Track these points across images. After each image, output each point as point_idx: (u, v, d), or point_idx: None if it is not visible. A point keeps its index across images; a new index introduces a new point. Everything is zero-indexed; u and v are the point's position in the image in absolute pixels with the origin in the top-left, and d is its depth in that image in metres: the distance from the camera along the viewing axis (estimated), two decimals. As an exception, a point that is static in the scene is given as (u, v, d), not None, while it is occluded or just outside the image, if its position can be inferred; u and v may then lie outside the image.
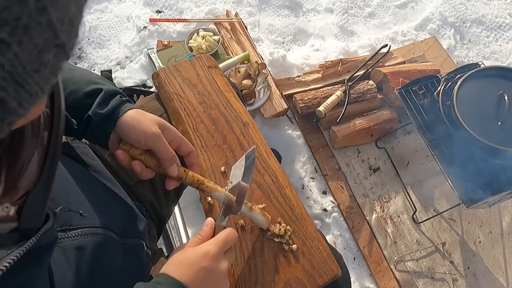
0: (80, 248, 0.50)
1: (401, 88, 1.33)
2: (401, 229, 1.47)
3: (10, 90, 0.21)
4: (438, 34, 1.94)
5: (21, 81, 0.22)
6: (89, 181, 0.64)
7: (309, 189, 1.52)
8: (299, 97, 1.58)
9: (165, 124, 0.65)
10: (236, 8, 1.93)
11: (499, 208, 1.53)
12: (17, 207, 0.32)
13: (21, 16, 0.20)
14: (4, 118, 0.23)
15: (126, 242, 0.61)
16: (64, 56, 0.25)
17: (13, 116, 0.23)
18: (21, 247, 0.36)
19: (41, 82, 0.23)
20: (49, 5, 0.21)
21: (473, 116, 1.13)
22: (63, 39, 0.24)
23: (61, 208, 0.47)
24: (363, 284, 1.37)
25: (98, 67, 1.75)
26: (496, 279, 1.41)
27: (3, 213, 0.31)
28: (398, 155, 1.61)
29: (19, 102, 0.23)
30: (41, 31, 0.22)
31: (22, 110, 0.23)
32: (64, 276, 0.46)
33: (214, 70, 0.92)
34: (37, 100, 0.24)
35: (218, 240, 0.58)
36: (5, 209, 0.31)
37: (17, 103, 0.23)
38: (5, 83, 0.21)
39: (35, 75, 0.23)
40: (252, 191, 0.76)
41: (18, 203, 0.32)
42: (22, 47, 0.21)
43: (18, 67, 0.21)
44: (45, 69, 0.23)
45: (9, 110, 0.22)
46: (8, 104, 0.22)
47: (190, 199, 1.41)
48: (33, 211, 0.34)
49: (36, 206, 0.34)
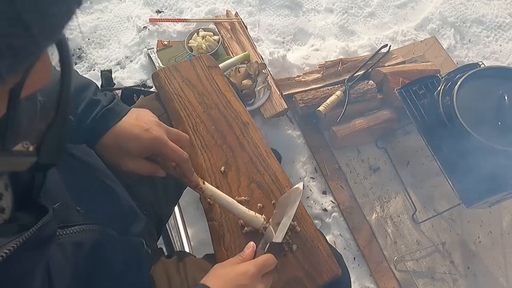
0: (78, 245, 0.50)
1: (401, 88, 1.33)
2: (401, 229, 1.47)
3: (34, 16, 0.24)
4: (438, 34, 1.94)
5: (43, 9, 0.25)
6: (89, 178, 0.64)
7: (309, 189, 1.52)
8: (299, 97, 1.58)
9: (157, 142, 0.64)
10: (236, 8, 1.93)
11: (499, 208, 1.53)
12: (35, 146, 0.35)
13: None
14: (27, 45, 0.25)
15: (125, 240, 0.61)
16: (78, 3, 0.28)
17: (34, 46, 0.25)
18: (21, 237, 0.37)
19: (58, 15, 0.26)
20: None
21: (473, 116, 1.13)
22: None
23: (59, 204, 0.48)
24: (363, 284, 1.37)
25: (98, 67, 1.75)
26: (496, 279, 1.41)
27: (23, 149, 0.34)
28: (398, 155, 1.61)
29: (40, 30, 0.25)
30: None
31: (41, 40, 0.26)
32: (62, 272, 0.46)
33: (214, 70, 0.92)
34: (53, 34, 0.27)
35: (257, 262, 0.61)
36: (24, 145, 0.34)
37: (39, 31, 0.25)
38: (31, 8, 0.24)
39: (54, 7, 0.25)
40: (252, 191, 0.76)
41: (37, 142, 0.35)
42: None
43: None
44: (63, 4, 0.26)
45: (32, 36, 0.25)
46: (31, 30, 0.24)
47: (190, 199, 1.41)
48: (51, 146, 0.36)
49: (53, 143, 0.36)
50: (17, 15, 0.23)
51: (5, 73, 0.25)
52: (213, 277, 0.58)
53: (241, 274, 0.57)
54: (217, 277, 0.58)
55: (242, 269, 0.58)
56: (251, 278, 0.57)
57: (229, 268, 0.59)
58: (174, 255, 0.80)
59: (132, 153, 0.63)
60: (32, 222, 0.40)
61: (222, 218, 0.73)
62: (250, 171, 0.78)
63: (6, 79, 0.26)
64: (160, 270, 0.74)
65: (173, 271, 0.74)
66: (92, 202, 0.58)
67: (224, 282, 0.56)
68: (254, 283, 0.58)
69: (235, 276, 0.57)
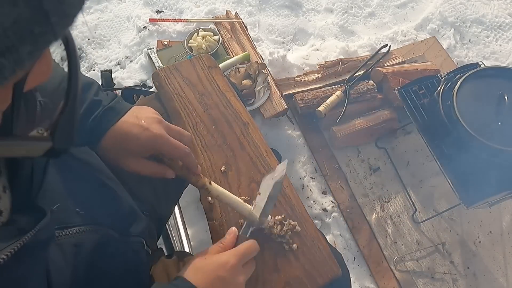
0: (78, 246, 0.50)
1: (401, 88, 1.33)
2: (401, 229, 1.47)
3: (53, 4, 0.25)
4: (438, 34, 1.94)
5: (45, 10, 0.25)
6: (89, 179, 0.64)
7: (309, 189, 1.52)
8: (299, 97, 1.58)
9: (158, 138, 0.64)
10: (236, 8, 1.93)
11: (499, 208, 1.53)
12: (49, 131, 0.36)
13: None
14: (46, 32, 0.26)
15: (125, 240, 0.61)
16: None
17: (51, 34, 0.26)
18: (18, 241, 0.37)
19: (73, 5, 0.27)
20: None
21: (473, 116, 1.13)
22: None
23: (58, 205, 0.48)
24: (363, 284, 1.37)
25: (98, 67, 1.75)
26: (496, 279, 1.41)
27: (38, 134, 0.36)
28: (398, 155, 1.61)
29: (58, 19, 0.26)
30: None
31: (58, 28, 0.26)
32: (61, 273, 0.46)
33: (214, 70, 0.92)
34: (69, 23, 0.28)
35: (238, 251, 0.58)
36: (39, 131, 0.36)
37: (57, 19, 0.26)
38: None
39: None
40: (252, 191, 0.76)
41: (50, 128, 0.36)
42: None
43: None
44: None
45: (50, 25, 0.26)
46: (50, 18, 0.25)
47: (190, 199, 1.41)
48: (64, 131, 0.37)
49: (66, 128, 0.37)
50: (38, 2, 0.24)
51: (26, 59, 0.26)
52: (192, 270, 0.56)
53: (221, 265, 0.55)
54: (196, 269, 0.56)
55: (222, 260, 0.56)
56: (231, 269, 0.55)
57: (208, 260, 0.57)
58: (174, 255, 0.80)
59: (133, 154, 0.63)
60: (30, 225, 0.40)
61: (223, 218, 0.73)
62: (250, 171, 0.78)
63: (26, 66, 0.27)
64: (160, 270, 0.74)
65: (173, 271, 0.74)
66: (92, 202, 0.57)
67: (203, 275, 0.54)
68: (234, 274, 0.56)
69: (214, 268, 0.55)
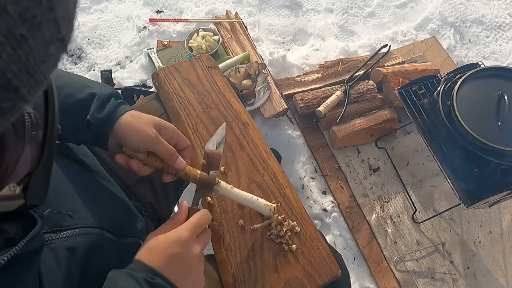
0: (71, 249, 0.50)
1: (401, 88, 1.33)
2: (401, 229, 1.47)
3: (23, 79, 0.25)
4: (438, 34, 1.94)
5: (31, 71, 0.25)
6: (85, 181, 0.64)
7: (309, 189, 1.52)
8: (299, 97, 1.58)
9: (162, 123, 0.66)
10: (236, 8, 1.93)
11: (499, 208, 1.53)
12: (22, 187, 0.35)
13: (36, 15, 0.24)
14: (15, 104, 0.26)
15: (122, 241, 0.61)
16: (63, 48, 0.28)
17: (22, 102, 0.26)
18: (7, 252, 0.37)
19: (46, 72, 0.27)
20: (56, 4, 0.25)
21: (473, 116, 1.13)
22: (64, 33, 0.27)
23: (49, 210, 0.47)
24: (363, 284, 1.37)
25: (98, 67, 1.75)
26: (496, 279, 1.41)
27: (10, 192, 0.34)
28: (398, 155, 1.61)
29: (29, 89, 0.26)
30: (49, 27, 0.25)
31: (29, 97, 0.26)
32: (54, 278, 0.46)
33: (214, 70, 0.92)
34: (41, 88, 0.28)
35: (190, 224, 0.58)
36: (11, 188, 0.35)
37: (27, 91, 0.26)
38: (20, 73, 0.24)
39: (42, 65, 0.26)
40: (252, 191, 0.75)
41: (23, 183, 0.35)
42: (35, 41, 0.24)
43: (30, 59, 0.24)
44: (49, 60, 0.27)
45: (20, 96, 0.25)
46: (20, 91, 0.25)
47: (190, 199, 1.40)
48: (37, 188, 0.37)
49: (39, 185, 0.37)
50: (7, 82, 0.24)
51: None
52: (146, 251, 0.55)
53: (174, 242, 0.55)
54: (150, 250, 0.55)
55: (174, 236, 0.56)
56: (185, 243, 0.55)
57: (160, 239, 0.56)
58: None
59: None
60: (19, 235, 0.39)
61: (222, 218, 0.73)
62: (250, 172, 0.78)
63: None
64: None
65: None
66: (87, 204, 0.57)
67: (158, 254, 0.54)
68: (189, 248, 0.56)
69: (167, 245, 0.55)
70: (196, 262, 0.57)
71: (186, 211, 0.61)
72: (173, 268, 0.54)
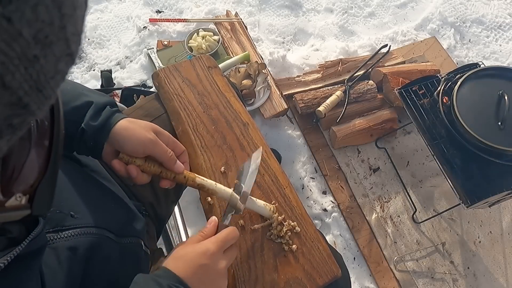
0: (73, 249, 0.50)
1: (401, 88, 1.33)
2: (401, 229, 1.47)
3: (33, 95, 0.25)
4: (438, 34, 1.94)
5: (41, 87, 0.25)
6: (86, 181, 0.64)
7: (309, 189, 1.52)
8: (299, 97, 1.58)
9: (158, 129, 0.66)
10: (236, 8, 1.93)
11: (499, 208, 1.53)
12: (28, 197, 0.35)
13: (48, 35, 0.24)
14: (25, 119, 0.26)
15: (123, 241, 0.61)
16: (71, 62, 0.28)
17: (32, 117, 0.26)
18: (10, 253, 0.37)
19: (55, 87, 0.27)
20: (67, 23, 0.25)
21: (473, 116, 1.13)
22: (73, 49, 0.27)
23: (51, 210, 0.47)
24: (363, 284, 1.37)
25: (98, 67, 1.75)
26: (496, 279, 1.41)
27: (16, 202, 0.34)
28: (398, 155, 1.61)
29: (38, 105, 0.26)
30: (60, 45, 0.25)
31: (39, 112, 0.27)
32: (55, 278, 0.46)
33: (214, 70, 0.92)
34: (50, 102, 0.28)
35: (218, 238, 0.59)
36: (18, 198, 0.34)
37: (37, 106, 0.26)
38: (30, 90, 0.24)
39: (51, 81, 0.26)
40: (252, 192, 0.75)
41: (29, 193, 0.35)
42: (46, 59, 0.24)
43: (41, 76, 0.25)
44: (58, 75, 0.27)
45: (30, 112, 0.26)
46: (30, 107, 0.25)
47: (190, 199, 1.41)
48: (43, 199, 0.37)
49: (45, 195, 0.37)
50: (18, 100, 0.24)
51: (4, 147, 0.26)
52: (173, 259, 0.56)
53: (201, 253, 0.56)
54: (177, 259, 0.56)
55: (202, 248, 0.57)
56: (212, 256, 0.56)
57: (189, 249, 0.57)
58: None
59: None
60: (21, 234, 0.39)
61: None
62: (250, 171, 0.78)
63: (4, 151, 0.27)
64: None
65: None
66: (88, 204, 0.57)
67: (185, 264, 0.55)
68: (215, 261, 0.57)
69: (195, 256, 0.56)
70: (220, 276, 0.58)
71: (215, 225, 0.62)
72: (198, 278, 0.55)
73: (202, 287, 0.55)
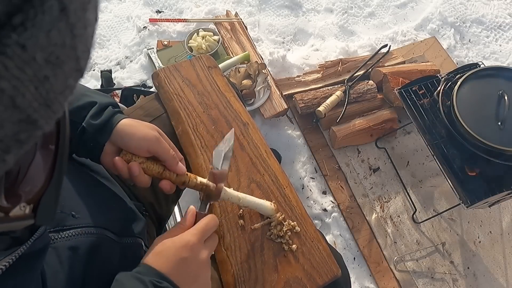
0: (74, 249, 0.50)
1: (401, 88, 1.33)
2: (401, 229, 1.47)
3: (42, 112, 0.25)
4: (438, 34, 1.94)
5: (50, 103, 0.25)
6: (86, 180, 0.64)
7: (309, 189, 1.52)
8: (299, 97, 1.58)
9: (160, 131, 0.66)
10: (236, 8, 1.93)
11: (499, 208, 1.53)
12: (32, 206, 0.35)
13: (59, 56, 0.24)
14: (32, 134, 0.26)
15: (123, 241, 0.61)
16: (80, 77, 0.28)
17: (39, 131, 0.27)
18: (14, 253, 0.37)
19: (63, 101, 0.27)
20: (78, 42, 0.25)
21: (473, 116, 1.13)
22: (82, 65, 0.27)
23: None
24: (363, 284, 1.37)
25: (98, 67, 1.75)
26: (496, 279, 1.41)
27: (20, 212, 0.34)
28: (398, 155, 1.61)
29: (46, 120, 0.26)
30: (70, 63, 0.25)
31: (46, 126, 0.27)
32: (56, 277, 0.46)
33: (214, 70, 0.92)
34: (58, 116, 0.28)
35: (197, 229, 0.58)
36: (22, 208, 0.34)
37: (45, 121, 0.26)
38: (40, 108, 0.25)
39: (59, 97, 0.26)
40: (252, 191, 0.76)
41: (33, 202, 0.35)
42: (56, 78, 0.25)
43: (50, 94, 0.25)
44: (67, 90, 0.27)
45: (38, 127, 0.26)
46: (39, 123, 0.25)
47: (190, 199, 1.41)
48: (47, 209, 0.36)
49: (49, 204, 0.37)
50: (27, 117, 0.24)
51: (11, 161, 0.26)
52: (154, 255, 0.55)
53: (181, 247, 0.55)
54: (157, 254, 0.55)
55: (181, 241, 0.56)
56: (192, 248, 0.55)
57: (168, 243, 0.56)
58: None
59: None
60: (25, 234, 0.39)
61: (222, 218, 0.73)
62: (250, 172, 0.78)
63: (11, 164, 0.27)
64: None
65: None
66: (89, 204, 0.57)
67: (165, 258, 0.54)
68: (197, 252, 0.56)
69: (175, 251, 0.55)
70: (203, 267, 0.57)
71: (193, 215, 0.61)
72: (180, 272, 0.54)
73: (185, 280, 0.54)
